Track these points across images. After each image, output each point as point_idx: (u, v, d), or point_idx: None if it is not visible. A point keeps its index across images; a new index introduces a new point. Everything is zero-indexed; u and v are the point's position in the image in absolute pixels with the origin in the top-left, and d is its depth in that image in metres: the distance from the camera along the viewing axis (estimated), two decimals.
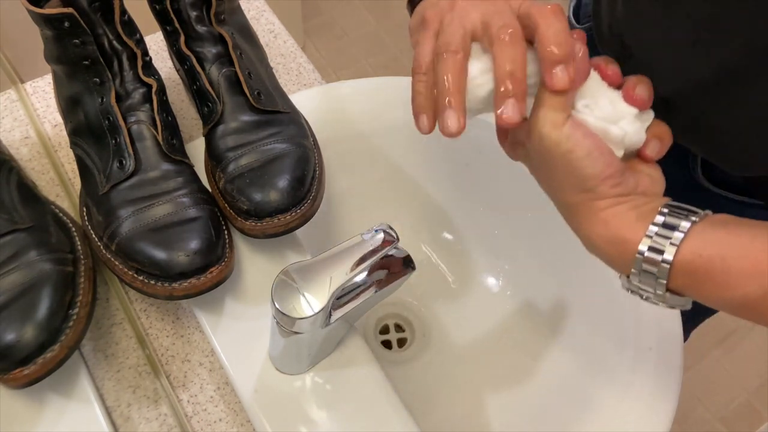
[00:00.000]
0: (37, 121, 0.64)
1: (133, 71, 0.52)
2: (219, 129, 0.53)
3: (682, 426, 1.37)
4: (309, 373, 0.50)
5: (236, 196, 0.50)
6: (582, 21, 0.68)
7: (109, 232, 0.49)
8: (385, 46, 1.91)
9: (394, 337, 0.68)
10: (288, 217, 0.50)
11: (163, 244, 0.47)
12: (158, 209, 0.49)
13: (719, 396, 1.42)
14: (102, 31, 0.50)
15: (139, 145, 0.51)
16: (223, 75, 0.54)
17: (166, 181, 0.51)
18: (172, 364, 0.52)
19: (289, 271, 0.41)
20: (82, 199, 0.53)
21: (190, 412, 0.51)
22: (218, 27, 0.54)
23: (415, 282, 0.52)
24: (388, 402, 0.49)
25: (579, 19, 0.68)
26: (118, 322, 0.54)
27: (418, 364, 0.66)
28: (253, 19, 0.73)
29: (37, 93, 0.66)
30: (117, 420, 0.50)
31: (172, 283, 0.47)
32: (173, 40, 0.56)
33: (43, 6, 0.48)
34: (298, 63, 0.71)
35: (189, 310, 0.55)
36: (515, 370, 0.64)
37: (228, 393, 0.51)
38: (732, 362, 1.45)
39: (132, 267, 0.48)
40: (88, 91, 0.51)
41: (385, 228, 0.43)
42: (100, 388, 0.51)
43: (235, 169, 0.51)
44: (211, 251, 0.48)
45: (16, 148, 0.62)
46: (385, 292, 0.45)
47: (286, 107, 0.55)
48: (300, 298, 0.40)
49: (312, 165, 0.53)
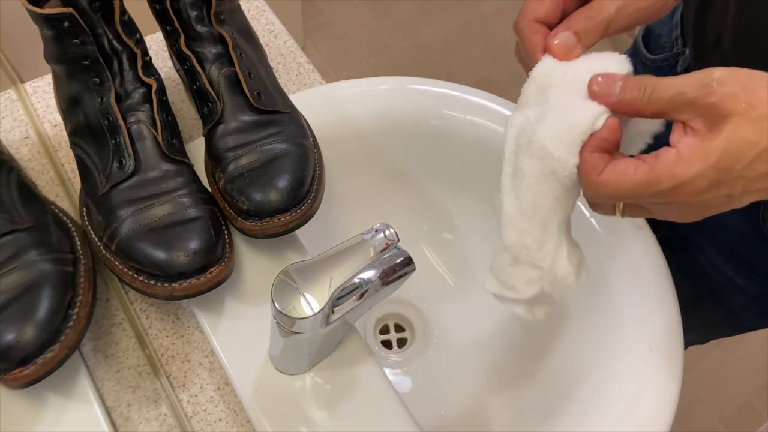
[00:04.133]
0: (37, 121, 0.64)
1: (133, 71, 0.52)
2: (219, 129, 0.53)
3: (682, 426, 1.37)
4: (309, 373, 0.50)
5: (236, 196, 0.50)
6: (654, 51, 0.65)
7: (109, 232, 0.49)
8: (385, 46, 1.91)
9: (394, 337, 0.68)
10: (288, 217, 0.50)
11: (163, 244, 0.47)
12: (158, 209, 0.49)
13: (719, 396, 1.42)
14: (102, 31, 0.50)
15: (139, 145, 0.51)
16: (223, 75, 0.54)
17: (166, 181, 0.51)
18: (172, 364, 0.52)
19: (289, 271, 0.41)
20: (82, 199, 0.53)
21: (190, 412, 0.51)
22: (218, 27, 0.54)
23: (415, 282, 0.52)
24: (388, 402, 0.49)
25: (650, 49, 0.65)
26: (118, 322, 0.54)
27: (418, 364, 0.66)
28: (253, 19, 0.73)
29: (37, 93, 0.66)
30: (117, 420, 0.50)
31: (172, 283, 0.47)
32: (173, 40, 0.56)
33: (43, 6, 0.48)
34: (298, 63, 0.71)
35: (189, 310, 0.55)
36: (515, 370, 0.64)
37: (228, 393, 0.51)
38: (732, 362, 1.45)
39: (132, 267, 0.48)
40: (88, 91, 0.51)
41: (385, 228, 0.43)
42: (100, 388, 0.51)
43: (235, 169, 0.51)
44: (211, 251, 0.48)
45: (16, 148, 0.62)
46: (385, 292, 0.45)
47: (286, 107, 0.55)
48: (300, 298, 0.40)
49: (312, 165, 0.53)
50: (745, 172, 0.33)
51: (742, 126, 0.32)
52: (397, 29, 1.95)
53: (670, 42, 0.64)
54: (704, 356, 1.44)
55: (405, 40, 1.92)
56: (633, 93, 0.35)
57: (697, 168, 0.32)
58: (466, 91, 0.67)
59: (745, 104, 0.32)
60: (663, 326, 0.55)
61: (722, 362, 1.45)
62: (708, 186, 0.33)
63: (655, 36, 0.66)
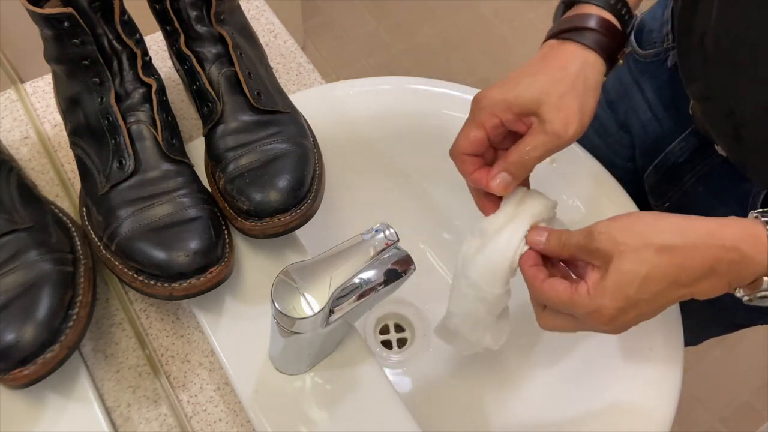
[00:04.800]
0: (36, 121, 0.64)
1: (133, 71, 0.52)
2: (219, 129, 0.53)
3: (682, 426, 1.37)
4: (309, 373, 0.50)
5: (236, 196, 0.50)
6: (645, 47, 0.66)
7: (109, 232, 0.49)
8: (385, 46, 1.91)
9: (394, 337, 0.68)
10: (288, 217, 0.50)
11: (163, 244, 0.47)
12: (158, 209, 0.49)
13: (719, 396, 1.42)
14: (102, 31, 0.50)
15: (139, 145, 0.51)
16: (223, 75, 0.54)
17: (165, 181, 0.50)
18: (172, 364, 0.52)
19: (289, 271, 0.41)
20: (82, 199, 0.53)
21: (190, 412, 0.50)
22: (218, 27, 0.54)
23: (415, 282, 0.52)
24: (388, 402, 0.49)
25: (642, 44, 0.66)
26: (118, 322, 0.54)
27: (418, 364, 0.66)
28: (253, 19, 0.73)
29: (37, 93, 0.66)
30: (117, 420, 0.50)
31: (172, 283, 0.47)
32: (173, 40, 0.56)
33: (43, 6, 0.48)
34: (298, 63, 0.71)
35: (189, 310, 0.55)
36: (515, 370, 0.64)
37: (228, 393, 0.51)
38: (732, 362, 1.45)
39: (132, 267, 0.48)
40: (88, 91, 0.51)
41: (385, 228, 0.43)
42: (100, 388, 0.51)
43: (235, 169, 0.51)
44: (211, 251, 0.48)
45: (16, 148, 0.62)
46: (385, 292, 0.45)
47: (286, 107, 0.55)
48: (300, 298, 0.40)
49: (312, 165, 0.53)
50: (640, 295, 0.40)
51: (622, 261, 0.40)
52: (397, 29, 1.95)
53: (661, 37, 0.64)
54: (704, 356, 1.44)
55: (405, 40, 1.92)
56: (553, 242, 0.45)
57: (600, 300, 0.41)
58: (466, 91, 0.67)
59: (621, 245, 0.40)
60: (663, 326, 0.55)
61: (722, 362, 1.45)
62: (615, 313, 0.41)
63: (647, 32, 0.66)
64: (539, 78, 0.44)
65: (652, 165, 0.67)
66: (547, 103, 0.43)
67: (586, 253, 0.42)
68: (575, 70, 0.45)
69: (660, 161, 0.65)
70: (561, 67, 0.45)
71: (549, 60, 0.46)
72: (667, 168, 0.65)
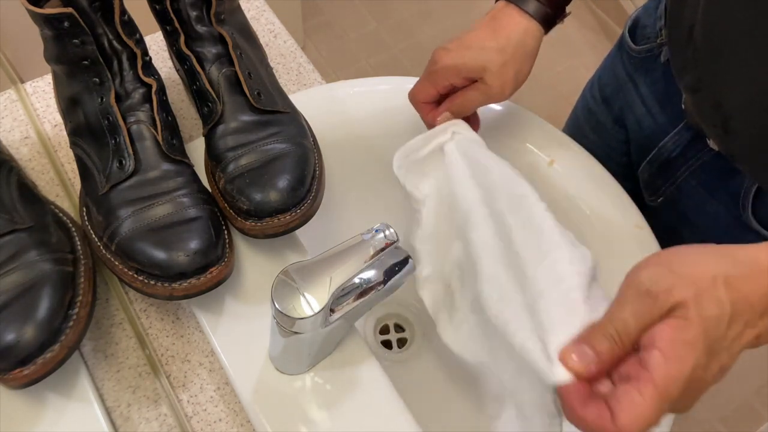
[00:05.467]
0: (37, 121, 0.64)
1: (133, 71, 0.52)
2: (219, 129, 0.53)
3: (682, 426, 1.37)
4: (309, 373, 0.50)
5: (236, 196, 0.50)
6: (639, 42, 0.66)
7: (109, 232, 0.49)
8: (385, 46, 1.91)
9: (394, 337, 0.68)
10: (288, 217, 0.50)
11: (163, 244, 0.47)
12: (158, 209, 0.49)
13: (719, 396, 1.42)
14: (102, 31, 0.50)
15: (139, 145, 0.51)
16: (223, 75, 0.54)
17: (166, 181, 0.50)
18: (172, 364, 0.52)
19: (289, 271, 0.41)
20: (82, 199, 0.53)
21: (190, 413, 0.51)
22: (218, 27, 0.54)
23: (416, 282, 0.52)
24: (388, 402, 0.49)
25: (636, 40, 0.67)
26: (118, 322, 0.54)
27: (418, 364, 0.66)
28: (253, 19, 0.73)
29: (37, 93, 0.66)
30: (117, 420, 0.50)
31: (172, 283, 0.47)
32: (173, 40, 0.56)
33: (43, 6, 0.48)
34: (298, 63, 0.71)
35: (189, 310, 0.55)
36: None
37: (228, 393, 0.51)
38: None
39: (132, 267, 0.48)
40: (88, 91, 0.51)
41: (385, 228, 0.43)
42: (100, 388, 0.51)
43: (235, 169, 0.51)
44: (211, 251, 0.48)
45: (16, 148, 0.62)
46: (385, 292, 0.45)
47: (286, 107, 0.55)
48: (300, 298, 0.40)
49: (312, 165, 0.53)
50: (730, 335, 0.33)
51: (701, 305, 0.32)
52: (397, 29, 1.95)
53: (654, 32, 0.64)
54: None
55: (405, 40, 1.92)
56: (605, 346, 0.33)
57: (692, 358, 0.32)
58: None
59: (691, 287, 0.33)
60: None
61: None
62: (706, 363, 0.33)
63: (641, 27, 0.66)
64: (486, 48, 0.53)
65: (645, 160, 0.67)
66: (490, 71, 0.52)
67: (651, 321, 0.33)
68: (516, 39, 0.53)
69: (654, 156, 0.66)
70: (506, 36, 0.53)
71: (496, 29, 0.53)
72: (661, 162, 0.65)
